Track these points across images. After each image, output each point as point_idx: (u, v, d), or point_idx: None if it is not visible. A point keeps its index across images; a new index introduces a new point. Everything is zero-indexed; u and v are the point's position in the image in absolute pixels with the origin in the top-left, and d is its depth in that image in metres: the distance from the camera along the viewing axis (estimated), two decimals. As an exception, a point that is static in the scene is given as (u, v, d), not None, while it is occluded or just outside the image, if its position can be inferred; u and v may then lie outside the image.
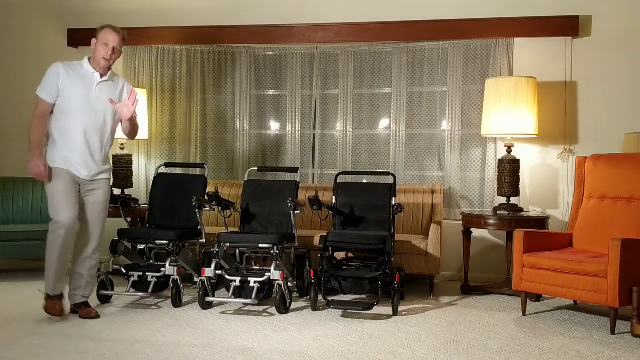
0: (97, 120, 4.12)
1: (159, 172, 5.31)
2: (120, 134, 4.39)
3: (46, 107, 4.07)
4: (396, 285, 4.32)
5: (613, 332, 3.91)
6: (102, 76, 4.15)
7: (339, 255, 4.78)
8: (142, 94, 5.74)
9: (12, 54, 6.31)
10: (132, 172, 5.71)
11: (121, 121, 4.25)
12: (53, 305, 4.04)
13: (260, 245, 4.45)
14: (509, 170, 5.00)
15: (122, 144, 5.67)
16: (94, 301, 4.53)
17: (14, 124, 6.29)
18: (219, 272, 4.43)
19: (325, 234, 4.52)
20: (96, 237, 4.23)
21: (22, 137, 6.21)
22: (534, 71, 5.26)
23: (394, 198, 4.80)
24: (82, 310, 4.16)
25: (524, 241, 4.36)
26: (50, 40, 6.20)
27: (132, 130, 4.35)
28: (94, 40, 4.16)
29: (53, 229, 4.02)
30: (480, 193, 5.56)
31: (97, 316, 4.15)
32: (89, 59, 4.16)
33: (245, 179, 5.21)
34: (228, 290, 4.43)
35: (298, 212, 4.65)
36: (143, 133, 5.72)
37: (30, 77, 6.25)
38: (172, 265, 4.47)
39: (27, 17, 6.27)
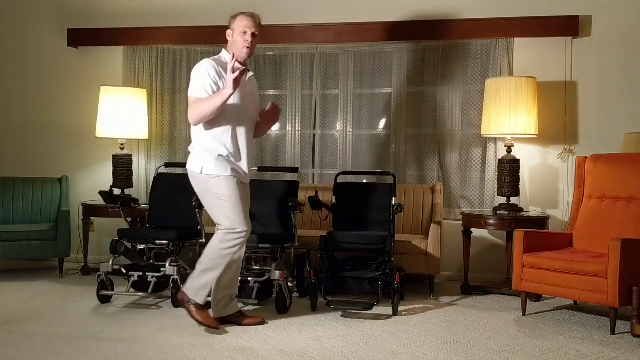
0: (251, 119, 3.93)
1: (159, 172, 5.31)
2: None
3: None
4: (396, 285, 4.32)
5: (613, 332, 3.91)
6: (248, 70, 3.90)
7: (339, 255, 4.78)
8: (142, 94, 5.75)
9: (11, 54, 6.30)
10: (132, 172, 5.71)
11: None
12: (207, 316, 3.88)
13: (260, 245, 4.45)
14: (509, 170, 5.00)
15: (122, 144, 5.67)
16: (94, 301, 4.54)
17: (14, 123, 6.29)
18: (219, 272, 4.43)
19: (325, 234, 4.53)
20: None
21: (23, 137, 6.26)
22: (534, 71, 5.26)
23: (394, 198, 4.79)
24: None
25: (524, 241, 4.36)
26: (50, 40, 6.20)
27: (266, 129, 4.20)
28: (229, 32, 3.88)
29: (232, 237, 3.78)
30: (480, 193, 5.56)
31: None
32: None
33: (245, 179, 5.21)
34: (228, 290, 4.43)
35: (298, 212, 4.65)
36: (143, 133, 5.72)
37: (30, 77, 6.29)
38: (172, 265, 4.47)
39: (27, 17, 6.27)
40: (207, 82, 3.75)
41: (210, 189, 3.84)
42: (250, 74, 3.98)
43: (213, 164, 3.80)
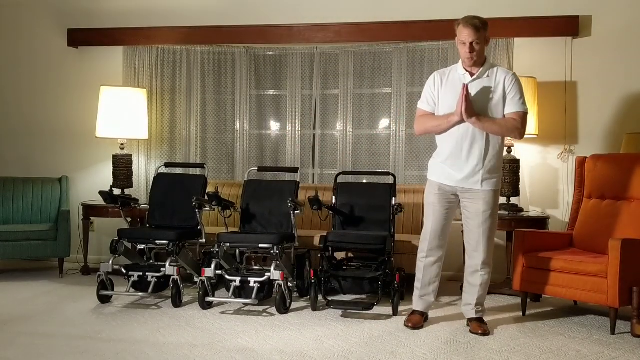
0: (467, 124, 3.75)
1: (159, 172, 5.31)
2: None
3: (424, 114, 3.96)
4: (396, 285, 4.32)
5: (613, 332, 3.91)
6: (472, 75, 3.80)
7: (339, 255, 4.78)
8: (142, 94, 5.75)
9: (11, 54, 6.30)
10: (132, 172, 5.71)
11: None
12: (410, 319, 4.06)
13: (260, 245, 4.45)
14: (509, 170, 5.00)
15: (122, 144, 5.67)
16: (94, 301, 4.54)
17: (14, 123, 6.29)
18: (219, 272, 4.44)
19: (325, 234, 4.52)
20: (480, 252, 3.98)
21: (23, 137, 6.26)
22: (534, 71, 5.25)
23: (394, 198, 4.79)
24: (472, 324, 3.95)
25: (524, 241, 4.36)
26: (50, 40, 6.20)
27: (494, 131, 3.80)
28: (457, 39, 3.80)
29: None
30: (480, 193, 5.55)
31: (485, 333, 3.85)
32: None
33: (245, 179, 5.21)
34: (228, 290, 4.43)
35: (298, 212, 4.65)
36: (143, 133, 5.73)
37: (30, 77, 6.28)
38: (172, 265, 4.47)
39: (27, 17, 6.26)
40: (426, 93, 3.96)
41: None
42: (476, 76, 3.80)
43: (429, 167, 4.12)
